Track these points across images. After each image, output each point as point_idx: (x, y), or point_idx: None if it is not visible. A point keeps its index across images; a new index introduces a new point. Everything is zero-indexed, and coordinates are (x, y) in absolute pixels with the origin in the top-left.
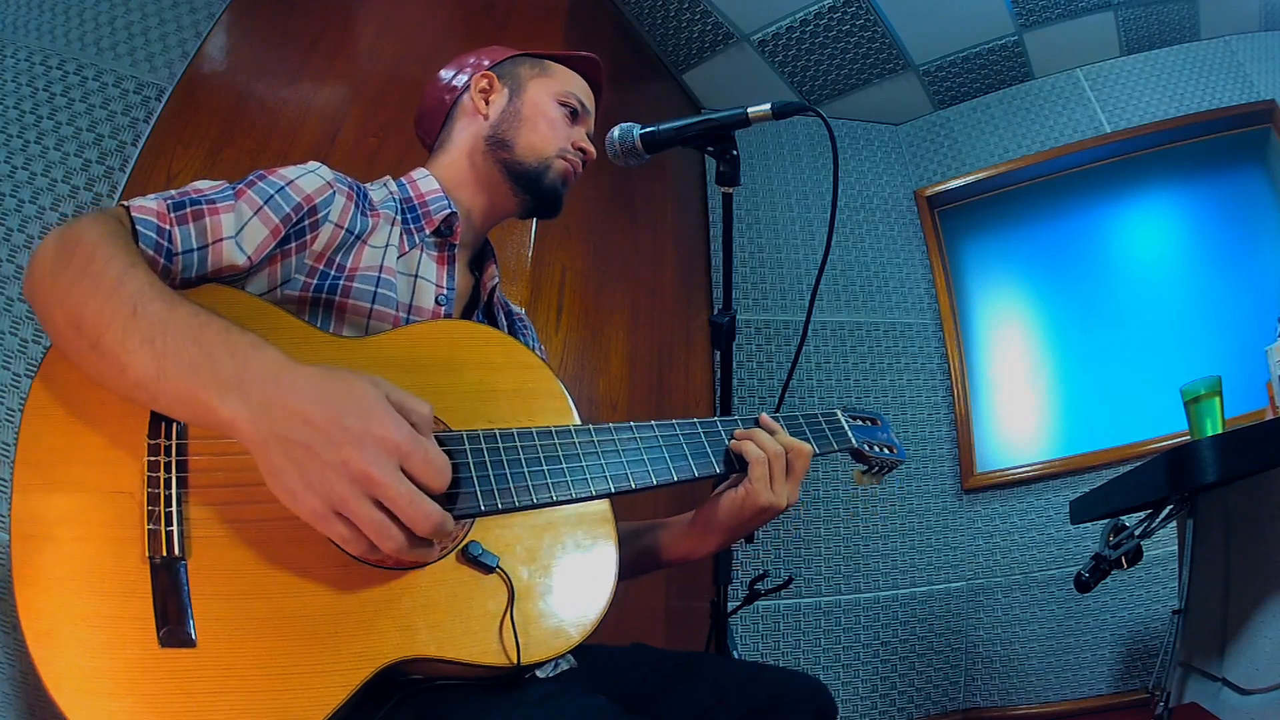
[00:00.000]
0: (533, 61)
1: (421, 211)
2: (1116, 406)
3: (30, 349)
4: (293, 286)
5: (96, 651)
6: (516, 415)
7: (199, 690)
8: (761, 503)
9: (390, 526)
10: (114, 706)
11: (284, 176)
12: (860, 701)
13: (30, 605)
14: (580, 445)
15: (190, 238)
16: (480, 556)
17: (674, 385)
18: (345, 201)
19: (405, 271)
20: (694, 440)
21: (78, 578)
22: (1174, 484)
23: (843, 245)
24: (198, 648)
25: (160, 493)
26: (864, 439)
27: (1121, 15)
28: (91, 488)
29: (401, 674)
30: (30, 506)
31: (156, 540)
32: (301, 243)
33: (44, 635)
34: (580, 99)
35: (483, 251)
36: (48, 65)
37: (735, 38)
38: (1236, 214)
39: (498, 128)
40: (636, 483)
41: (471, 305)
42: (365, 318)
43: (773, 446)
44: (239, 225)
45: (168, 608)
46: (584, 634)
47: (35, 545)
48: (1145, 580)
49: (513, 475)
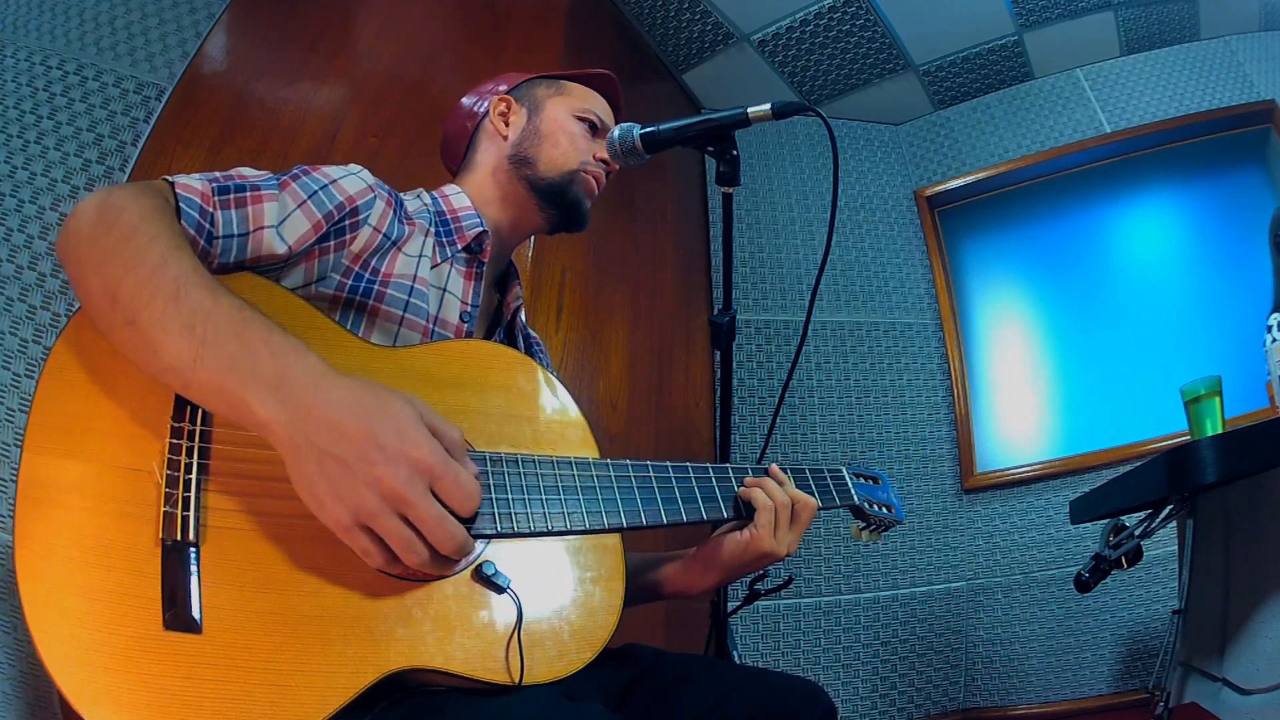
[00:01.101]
0: (549, 82)
1: (454, 226)
2: (1116, 406)
3: (30, 349)
4: (327, 285)
5: (97, 625)
6: (539, 442)
7: (199, 676)
8: (764, 549)
9: (416, 543)
10: (109, 681)
11: (328, 175)
12: (860, 701)
13: (31, 569)
14: (598, 479)
15: (232, 223)
16: (493, 576)
17: (674, 385)
18: (384, 207)
19: (435, 284)
20: (705, 484)
21: (84, 549)
22: (1174, 484)
23: (843, 245)
24: (203, 635)
25: (180, 476)
26: (865, 496)
27: (1121, 15)
28: (108, 461)
29: (400, 681)
30: (41, 470)
31: (172, 523)
32: (341, 241)
33: (43, 603)
34: (598, 114)
35: (506, 272)
36: (48, 65)
37: (735, 38)
38: (1236, 214)
39: (519, 146)
40: (647, 520)
41: (494, 325)
42: (396, 325)
43: (780, 496)
44: (281, 215)
45: (176, 591)
46: (585, 660)
47: (42, 510)
48: (1145, 580)
49: (530, 501)
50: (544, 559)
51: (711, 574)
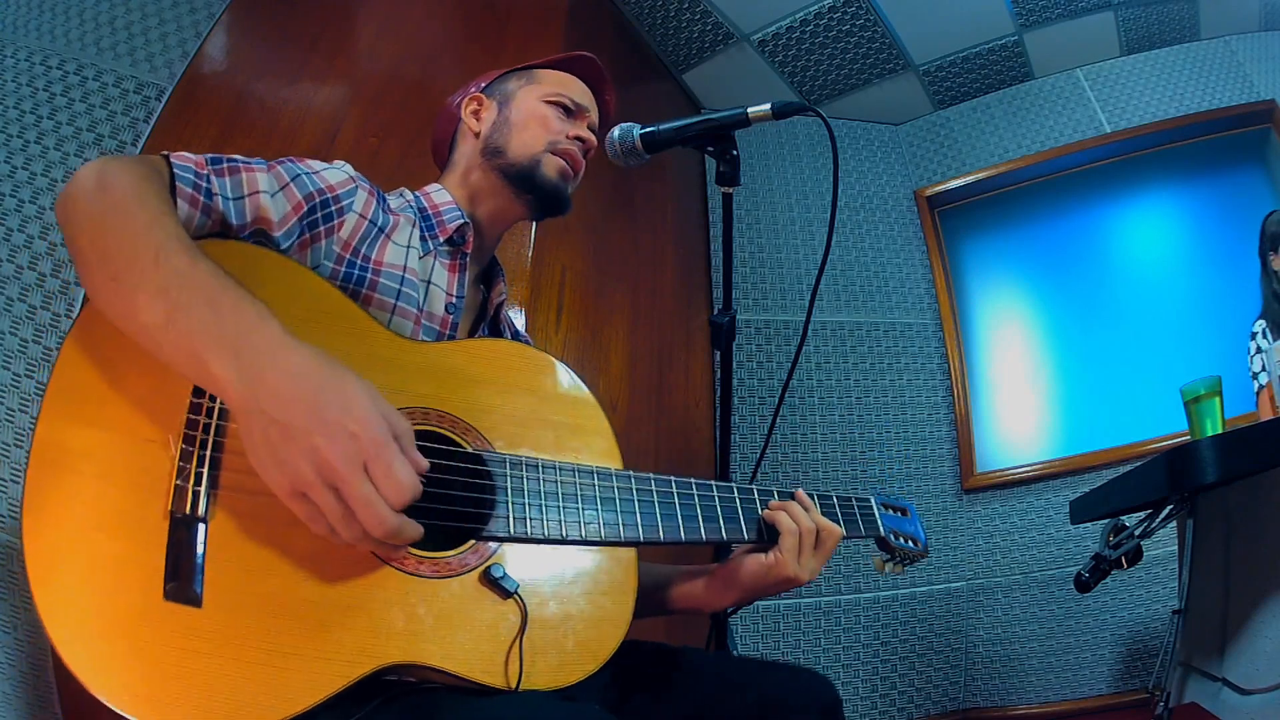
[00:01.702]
0: (520, 74)
1: (436, 220)
2: (1116, 406)
3: (30, 349)
4: (321, 273)
5: (98, 590)
6: (561, 448)
7: (195, 650)
8: (787, 574)
9: (350, 519)
10: (105, 648)
11: (311, 166)
12: (860, 701)
13: (38, 533)
14: (618, 490)
15: (227, 187)
16: (501, 580)
17: (674, 385)
18: (367, 196)
19: (420, 277)
20: (728, 503)
21: (92, 515)
22: (1174, 484)
23: (843, 245)
24: (203, 609)
25: (195, 451)
26: (891, 528)
27: (1121, 15)
28: (124, 430)
29: (394, 675)
30: (56, 434)
31: (182, 496)
32: (330, 226)
33: (47, 565)
34: (571, 96)
35: (491, 268)
36: (48, 65)
37: (735, 38)
38: (1236, 214)
39: (490, 139)
40: (665, 537)
41: (479, 319)
42: (389, 313)
43: (806, 522)
44: (271, 188)
45: (180, 564)
46: (586, 673)
47: (55, 474)
48: (1145, 580)
49: (547, 508)
50: (555, 567)
51: (730, 593)
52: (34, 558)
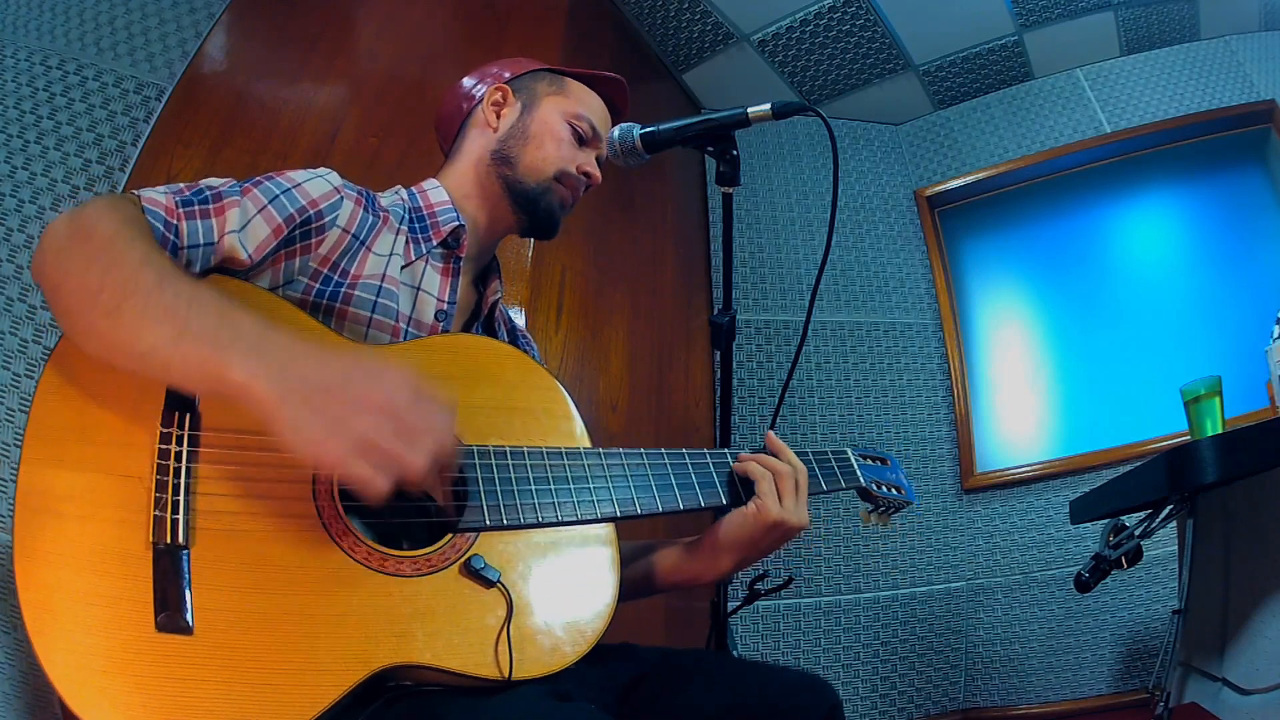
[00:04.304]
0: (552, 78)
1: (430, 222)
2: (1116, 406)
3: (30, 349)
4: (295, 288)
5: (93, 629)
6: (529, 434)
7: (191, 677)
8: (772, 517)
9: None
10: (105, 684)
11: (292, 179)
12: (860, 701)
13: (30, 578)
14: (589, 468)
15: (197, 233)
16: (483, 570)
17: (674, 385)
18: (353, 206)
19: (408, 283)
20: (702, 469)
21: (80, 556)
22: (1174, 484)
23: (843, 245)
24: (194, 635)
25: (169, 480)
26: (872, 478)
27: (1121, 15)
28: (102, 469)
29: (392, 678)
30: (38, 480)
31: (162, 526)
32: (306, 245)
33: (42, 609)
34: (593, 122)
35: (488, 266)
36: (48, 65)
37: (735, 38)
38: (1236, 214)
39: (504, 143)
40: (642, 509)
41: (472, 319)
42: (365, 326)
43: (775, 464)
44: (243, 221)
45: (167, 594)
46: (579, 654)
47: (40, 520)
48: (1145, 580)
49: (520, 493)
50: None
51: (724, 557)
52: (29, 606)
